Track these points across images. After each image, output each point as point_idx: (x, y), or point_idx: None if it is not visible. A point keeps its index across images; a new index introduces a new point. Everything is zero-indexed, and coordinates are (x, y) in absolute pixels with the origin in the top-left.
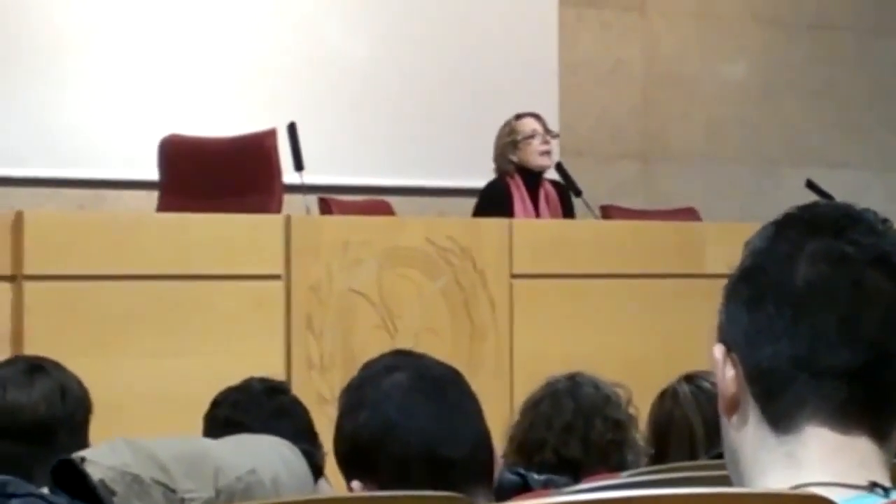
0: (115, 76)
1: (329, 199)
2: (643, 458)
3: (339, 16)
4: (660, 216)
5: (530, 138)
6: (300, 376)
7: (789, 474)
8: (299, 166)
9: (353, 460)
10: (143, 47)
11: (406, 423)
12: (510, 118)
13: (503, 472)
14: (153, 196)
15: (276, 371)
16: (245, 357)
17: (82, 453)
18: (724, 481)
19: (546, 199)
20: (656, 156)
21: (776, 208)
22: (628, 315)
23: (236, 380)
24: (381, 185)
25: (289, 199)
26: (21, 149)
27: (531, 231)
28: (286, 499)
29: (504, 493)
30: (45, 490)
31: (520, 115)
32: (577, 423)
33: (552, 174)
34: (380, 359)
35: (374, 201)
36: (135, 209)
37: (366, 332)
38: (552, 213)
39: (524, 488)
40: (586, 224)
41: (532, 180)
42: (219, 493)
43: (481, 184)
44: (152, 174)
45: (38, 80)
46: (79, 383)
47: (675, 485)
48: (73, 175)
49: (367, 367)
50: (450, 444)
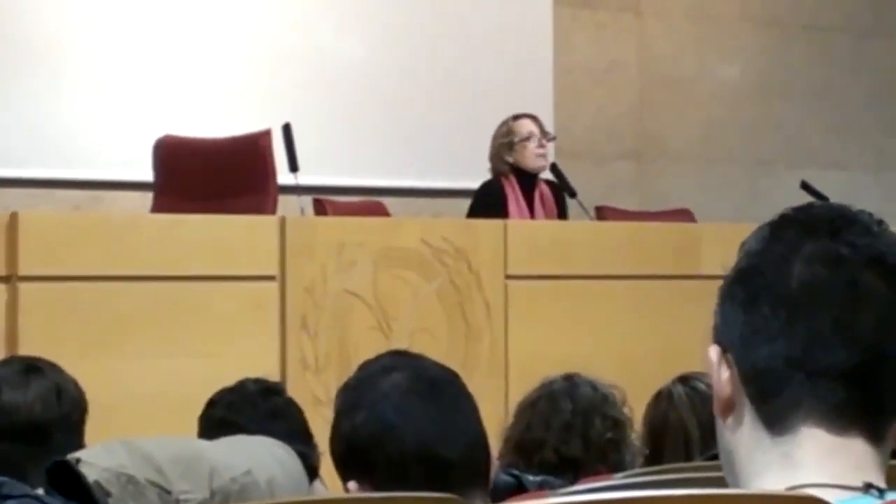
0: (111, 77)
1: (324, 200)
2: (639, 459)
3: (335, 17)
4: (655, 217)
5: (526, 141)
6: (295, 377)
7: (785, 475)
8: (294, 167)
9: (350, 461)
10: (139, 48)
11: (403, 423)
12: (508, 118)
13: (498, 474)
14: (148, 197)
15: (271, 372)
16: (240, 358)
17: (78, 454)
18: (720, 482)
19: (541, 199)
20: (651, 157)
21: (771, 209)
22: (623, 316)
23: (231, 381)
24: (376, 186)
25: (284, 200)
26: (16, 149)
27: (526, 232)
28: (281, 500)
29: (499, 494)
30: (41, 491)
31: (517, 117)
32: (577, 422)
33: (547, 175)
34: (377, 359)
35: (369, 202)
36: (130, 210)
37: (361, 332)
38: (547, 213)
39: (519, 489)
40: (581, 225)
41: (527, 181)
42: (214, 494)
43: (476, 184)
44: (147, 175)
45: (34, 81)
46: (75, 384)
47: (670, 486)
48: (68, 176)
49: (364, 367)
50: (446, 445)
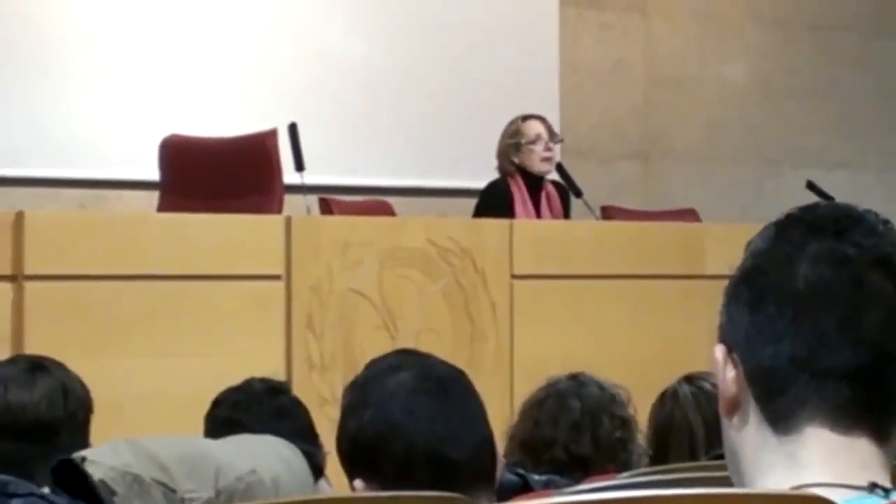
0: (117, 76)
1: (330, 200)
2: (644, 459)
3: (341, 16)
4: (660, 217)
5: (533, 144)
6: (300, 376)
7: (790, 475)
8: (300, 166)
9: (356, 459)
10: (144, 47)
11: (410, 423)
12: (517, 118)
13: (504, 473)
14: (154, 196)
15: (277, 371)
16: (245, 357)
17: (83, 453)
18: (725, 482)
19: (548, 200)
20: (657, 156)
21: (776, 209)
22: (629, 316)
23: (237, 380)
24: (381, 186)
25: (289, 200)
26: (22, 149)
27: (532, 232)
28: (286, 499)
29: (505, 494)
30: (46, 490)
31: (526, 117)
32: (585, 421)
33: (552, 174)
34: (384, 358)
35: (374, 202)
36: (135, 209)
37: (366, 332)
38: (553, 214)
39: (525, 489)
40: (587, 225)
41: (533, 181)
42: (219, 493)
43: (482, 184)
44: (153, 174)
45: (39, 81)
46: (80, 383)
47: (675, 485)
48: (73, 175)
49: (371, 365)
50: (453, 444)
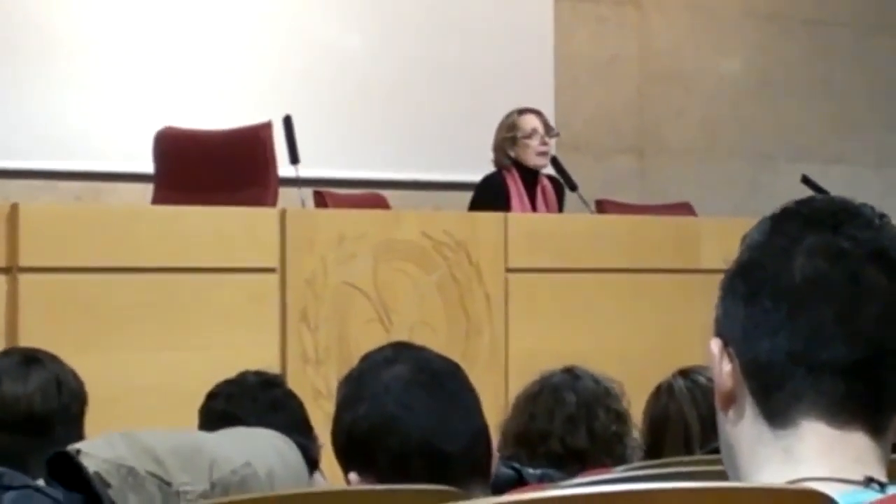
0: (111, 68)
1: (324, 193)
2: (638, 453)
3: (336, 9)
4: (655, 211)
5: (528, 138)
6: (295, 370)
7: (786, 469)
8: (295, 159)
9: (351, 452)
10: (139, 40)
11: (404, 415)
12: (513, 112)
13: (499, 466)
14: (149, 189)
15: (271, 364)
16: (240, 350)
17: (78, 446)
18: (720, 476)
19: (543, 193)
20: (652, 151)
21: (772, 204)
22: (623, 310)
23: (231, 373)
24: (376, 179)
25: (284, 193)
26: (17, 141)
27: (526, 225)
28: (281, 492)
29: (500, 487)
30: (41, 482)
31: (522, 111)
32: (581, 414)
33: (547, 168)
34: (379, 350)
35: (369, 195)
36: (130, 202)
37: (361, 325)
38: (549, 208)
39: (520, 482)
40: (581, 218)
41: (529, 175)
42: (214, 485)
43: (477, 177)
44: (148, 167)
45: (35, 74)
46: (74, 376)
47: (670, 479)
48: (68, 167)
49: (366, 358)
50: (448, 437)
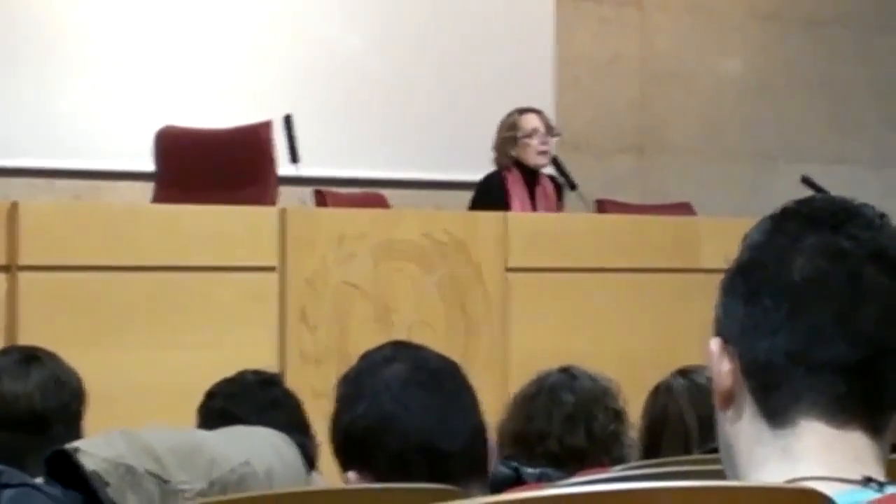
0: (112, 67)
1: (325, 192)
2: (635, 451)
3: (337, 9)
4: (655, 211)
5: (529, 137)
6: (294, 369)
7: (784, 468)
8: (295, 158)
9: (350, 451)
10: (140, 39)
11: (403, 415)
12: (514, 111)
13: (497, 466)
14: (149, 187)
15: (270, 363)
16: (239, 349)
17: (76, 444)
18: (719, 475)
19: (543, 193)
20: (653, 150)
21: (772, 204)
22: (623, 309)
23: (230, 372)
24: (376, 178)
25: (284, 192)
26: (17, 139)
27: (526, 225)
28: (280, 490)
29: (498, 486)
30: (40, 480)
31: (523, 111)
32: (579, 414)
33: (548, 168)
34: (378, 349)
35: (369, 194)
36: (130, 200)
37: (360, 324)
38: (549, 208)
39: (517, 481)
40: (582, 218)
41: (530, 175)
42: (212, 484)
43: (477, 177)
44: (148, 165)
45: (35, 71)
46: (74, 374)
47: (669, 478)
48: (68, 166)
49: (365, 357)
50: (446, 436)
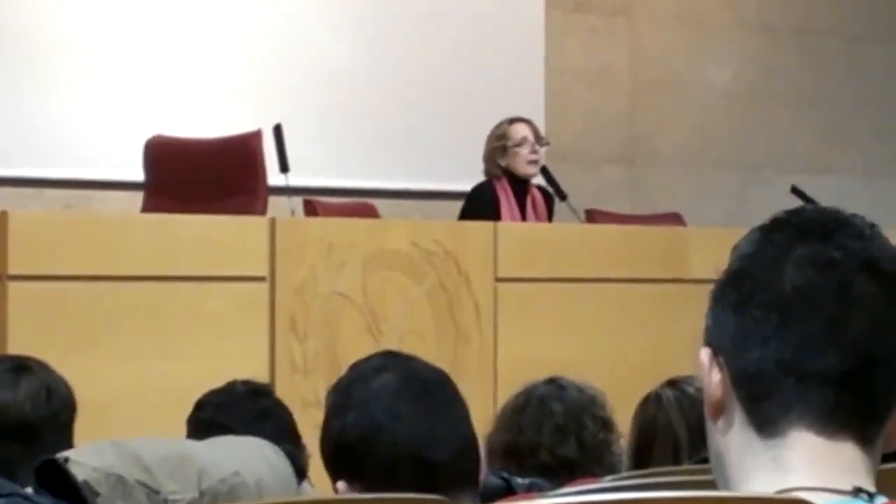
0: (102, 77)
1: (314, 201)
2: (624, 461)
3: (326, 18)
4: (645, 221)
5: (519, 146)
6: (284, 379)
7: (775, 478)
8: (284, 168)
9: (340, 461)
10: (130, 48)
11: (393, 425)
12: (504, 121)
13: (488, 476)
14: (138, 197)
15: (260, 373)
16: (229, 359)
17: (66, 454)
18: (709, 486)
19: (533, 203)
20: (642, 160)
21: (761, 214)
22: (613, 319)
23: (220, 382)
24: (366, 188)
25: (274, 201)
26: (6, 148)
27: (516, 234)
28: (269, 500)
29: (488, 497)
30: (29, 490)
31: (512, 120)
32: (569, 424)
33: (537, 178)
34: (368, 359)
35: (359, 204)
36: (120, 210)
37: (350, 334)
38: (539, 217)
39: (508, 492)
40: (571, 228)
41: (519, 184)
42: (202, 494)
43: (467, 187)
44: (138, 175)
45: (25, 81)
46: (64, 383)
47: (660, 489)
48: (58, 175)
49: (355, 367)
50: (436, 447)
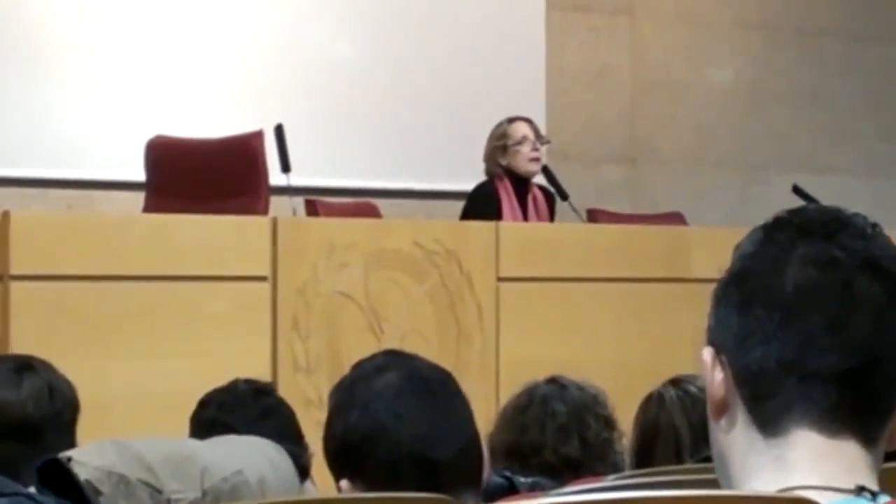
0: (103, 77)
1: (316, 201)
2: (627, 459)
3: (327, 18)
4: (646, 220)
5: (519, 145)
6: (286, 378)
7: (777, 477)
8: (286, 168)
9: (343, 459)
10: (131, 49)
11: (396, 424)
12: (503, 121)
13: (490, 475)
14: (140, 197)
15: (262, 373)
16: (231, 358)
17: (69, 453)
18: (712, 485)
19: (534, 203)
20: (643, 160)
21: (763, 214)
22: (614, 319)
23: (222, 381)
24: (368, 188)
25: (275, 201)
26: (8, 149)
27: (518, 234)
28: (272, 499)
29: (491, 496)
30: (32, 489)
31: (512, 119)
32: (572, 423)
33: (539, 178)
34: (371, 358)
35: (360, 203)
36: (122, 210)
37: (352, 334)
38: (540, 217)
39: (511, 491)
40: (573, 228)
41: (521, 184)
42: (205, 493)
43: (468, 186)
44: (139, 175)
45: (27, 82)
46: (67, 383)
47: (663, 487)
48: (60, 175)
49: (358, 366)
50: (439, 445)
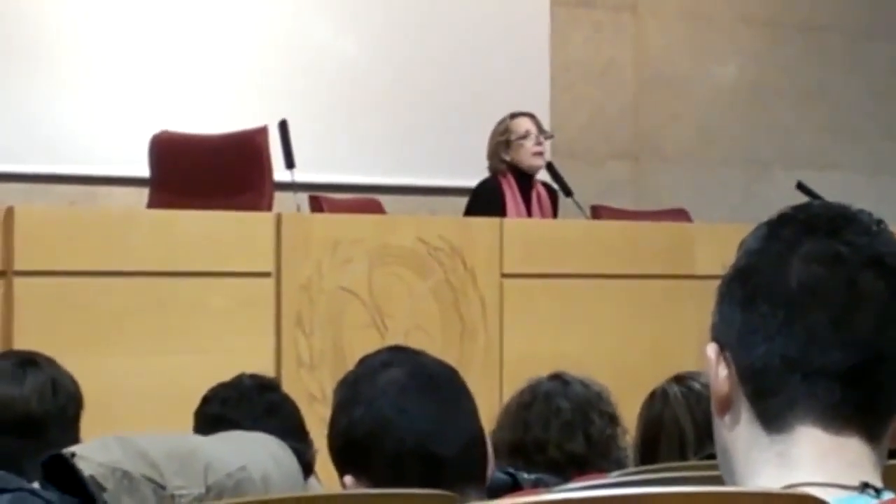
0: (108, 73)
1: (320, 197)
2: (630, 455)
3: (332, 14)
4: (650, 217)
5: (523, 139)
6: (290, 374)
7: (781, 474)
8: (290, 164)
9: (347, 455)
10: (136, 44)
11: (400, 420)
12: (505, 117)
13: (494, 471)
14: (144, 193)
15: (266, 368)
16: (235, 354)
17: (73, 449)
18: (716, 481)
19: (538, 199)
20: (647, 156)
21: (767, 210)
22: (618, 315)
23: (226, 377)
24: (372, 184)
25: (279, 197)
26: (13, 145)
27: (522, 230)
28: (276, 496)
29: (494, 492)
30: (36, 485)
31: (514, 115)
32: (577, 420)
33: (543, 174)
34: (376, 354)
35: (365, 200)
36: (126, 206)
37: (356, 330)
38: (544, 213)
39: (514, 487)
40: (577, 224)
41: (525, 180)
42: (209, 489)
43: (472, 183)
44: (144, 171)
45: (30, 77)
46: (71, 379)
47: (667, 484)
48: (64, 171)
49: (363, 362)
50: (443, 442)
